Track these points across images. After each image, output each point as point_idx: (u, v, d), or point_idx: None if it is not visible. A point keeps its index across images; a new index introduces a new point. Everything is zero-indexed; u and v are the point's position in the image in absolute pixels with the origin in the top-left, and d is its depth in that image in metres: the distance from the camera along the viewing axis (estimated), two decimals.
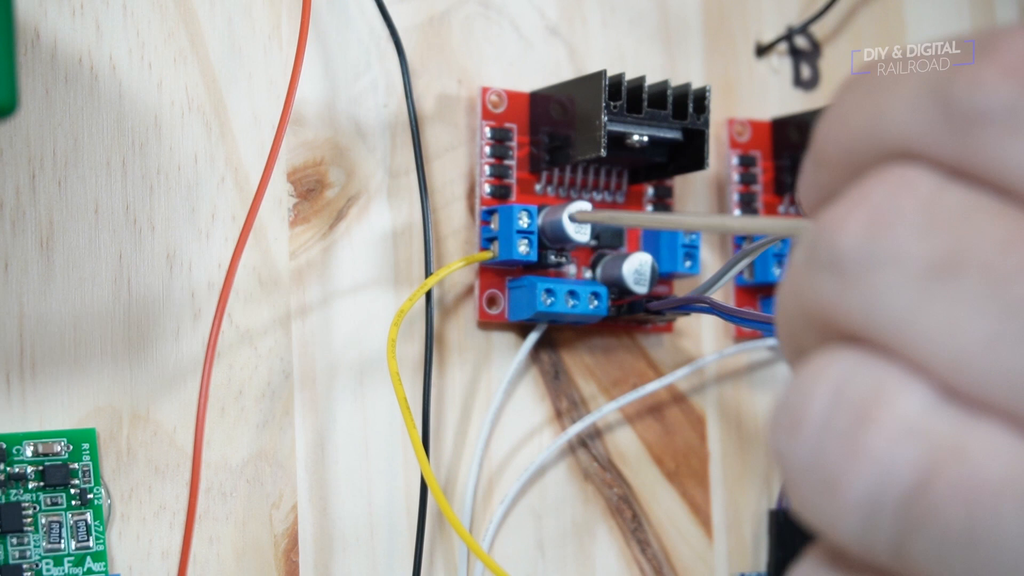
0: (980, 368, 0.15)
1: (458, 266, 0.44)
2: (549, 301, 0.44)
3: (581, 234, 0.44)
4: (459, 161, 0.46)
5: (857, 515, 0.15)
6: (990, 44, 0.16)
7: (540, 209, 0.44)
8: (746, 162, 0.51)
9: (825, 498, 0.16)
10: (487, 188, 0.45)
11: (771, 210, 0.51)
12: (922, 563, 0.15)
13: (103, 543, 0.38)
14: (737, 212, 0.50)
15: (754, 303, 0.51)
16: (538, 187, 0.46)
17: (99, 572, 0.38)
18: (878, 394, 0.16)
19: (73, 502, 0.38)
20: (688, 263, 0.47)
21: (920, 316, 0.15)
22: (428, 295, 0.44)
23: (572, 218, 0.43)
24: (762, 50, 0.53)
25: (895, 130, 0.16)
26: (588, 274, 0.46)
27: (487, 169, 0.45)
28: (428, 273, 0.44)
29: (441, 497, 0.39)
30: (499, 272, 0.45)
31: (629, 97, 0.43)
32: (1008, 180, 0.15)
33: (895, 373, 0.16)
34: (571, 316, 0.45)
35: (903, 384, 0.16)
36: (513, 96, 0.46)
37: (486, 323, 0.46)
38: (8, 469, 0.37)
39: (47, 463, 0.38)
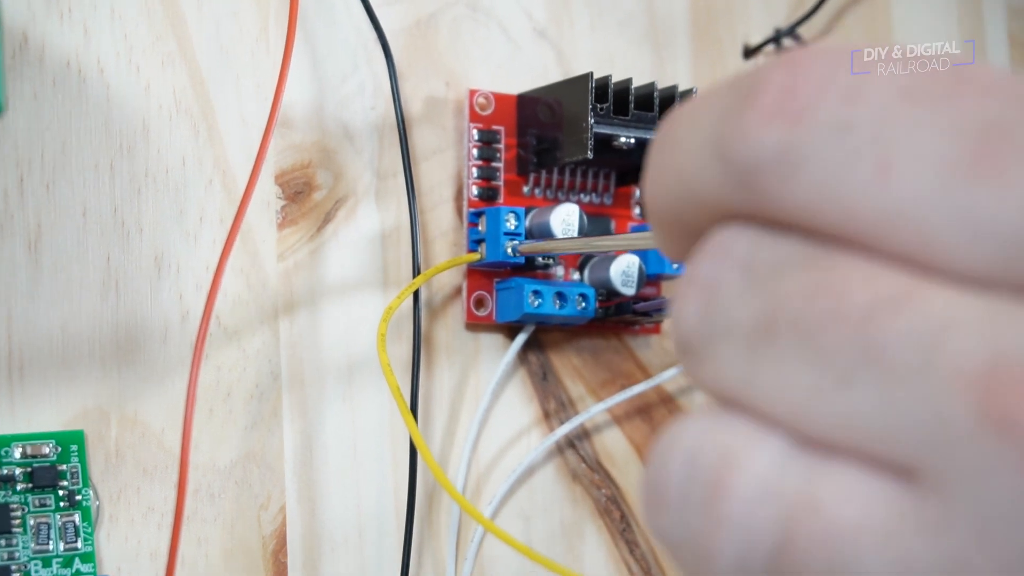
0: (813, 417, 0.15)
1: (447, 266, 0.44)
2: (537, 303, 0.44)
3: (569, 236, 0.44)
4: (447, 163, 0.46)
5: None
6: (748, 88, 0.15)
7: (528, 211, 0.45)
8: None
9: (702, 569, 0.16)
10: (475, 190, 0.45)
11: None
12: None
13: (91, 544, 0.38)
14: None
15: None
16: (526, 189, 0.46)
17: (87, 573, 0.38)
18: (728, 458, 0.15)
19: (61, 503, 0.38)
20: (675, 264, 0.47)
21: (753, 380, 0.15)
22: (416, 297, 0.44)
23: (516, 250, 0.43)
24: (750, 52, 0.53)
25: (697, 191, 0.16)
26: (576, 276, 0.47)
27: (475, 171, 0.45)
28: (416, 275, 0.44)
29: (432, 462, 0.39)
30: (487, 274, 0.45)
31: (616, 99, 0.44)
32: (802, 220, 0.15)
33: (744, 432, 0.16)
34: (559, 318, 0.45)
35: (752, 443, 0.15)
36: (501, 98, 0.46)
37: (474, 325, 0.46)
38: None
39: (35, 465, 0.38)
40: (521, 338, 0.46)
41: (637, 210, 0.49)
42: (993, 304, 0.14)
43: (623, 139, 0.44)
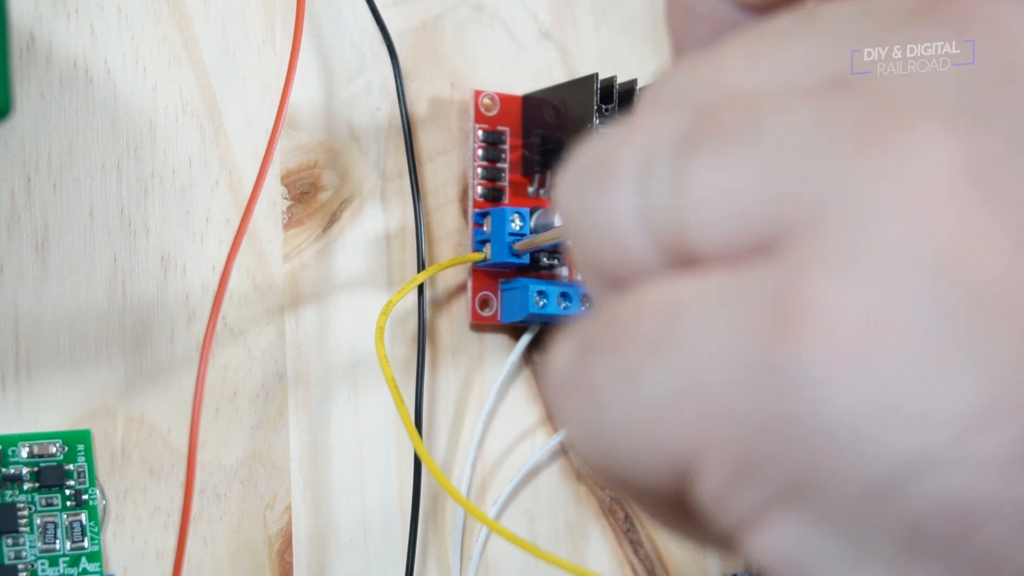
0: None
1: (449, 264, 0.44)
2: (542, 303, 0.44)
3: None
4: (452, 164, 0.46)
5: (632, 173, 0.15)
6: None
7: (532, 212, 0.45)
8: None
9: (599, 182, 0.15)
10: (480, 191, 0.45)
11: None
12: (700, 189, 0.14)
13: (98, 543, 0.38)
14: None
15: None
16: (531, 190, 0.46)
17: (94, 572, 0.38)
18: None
19: (68, 503, 0.38)
20: None
21: None
22: (421, 296, 0.44)
23: (515, 251, 0.43)
24: None
25: None
26: (580, 276, 0.47)
27: (480, 172, 0.46)
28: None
29: (432, 464, 0.39)
30: (492, 274, 0.45)
31: (621, 100, 0.44)
32: None
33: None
34: (564, 318, 0.45)
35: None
36: (506, 99, 0.46)
37: (479, 325, 0.46)
38: (3, 470, 0.38)
39: (42, 464, 0.38)
40: (526, 338, 0.46)
41: None
42: None
43: None
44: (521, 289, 0.44)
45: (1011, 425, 0.12)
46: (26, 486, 0.38)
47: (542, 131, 0.46)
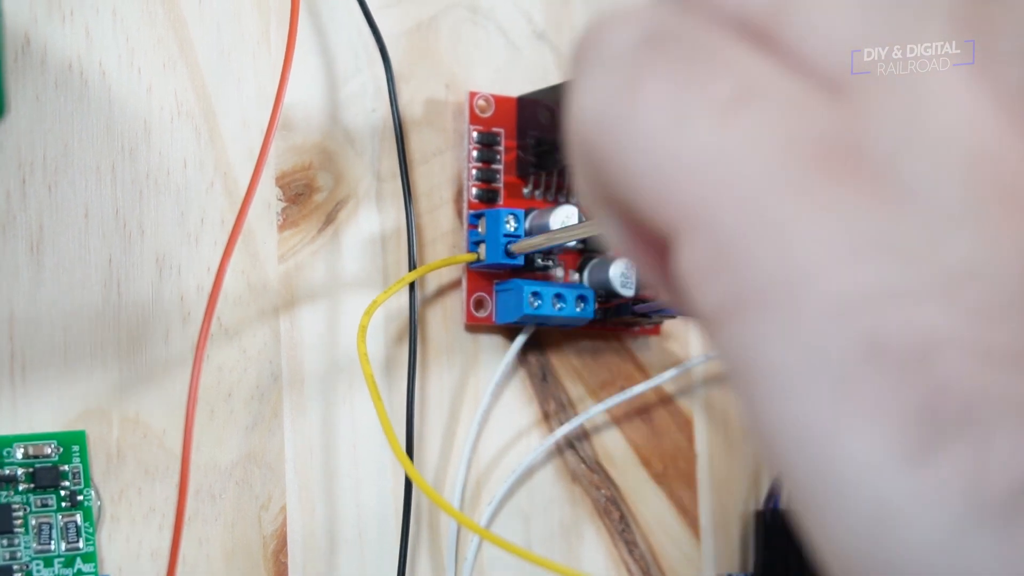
0: None
1: (439, 265, 0.44)
2: (536, 304, 0.44)
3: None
4: (447, 165, 0.46)
5: None
6: None
7: (527, 213, 0.45)
8: None
9: None
10: (474, 192, 0.46)
11: None
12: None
13: (93, 544, 0.39)
14: None
15: None
16: (525, 191, 0.46)
17: (89, 573, 0.38)
18: None
19: (63, 504, 0.38)
20: None
21: None
22: (412, 297, 0.44)
23: (509, 252, 0.43)
24: None
25: None
26: (575, 277, 0.47)
27: (474, 173, 0.46)
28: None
29: (409, 465, 0.39)
30: (486, 275, 0.46)
31: None
32: None
33: None
34: (558, 319, 0.45)
35: None
36: (500, 101, 0.46)
37: (474, 326, 0.46)
38: None
39: (37, 465, 0.38)
40: (521, 339, 0.46)
41: None
42: None
43: None
44: (516, 290, 0.44)
45: (994, 286, 0.14)
46: (21, 487, 0.38)
47: (537, 133, 0.46)
